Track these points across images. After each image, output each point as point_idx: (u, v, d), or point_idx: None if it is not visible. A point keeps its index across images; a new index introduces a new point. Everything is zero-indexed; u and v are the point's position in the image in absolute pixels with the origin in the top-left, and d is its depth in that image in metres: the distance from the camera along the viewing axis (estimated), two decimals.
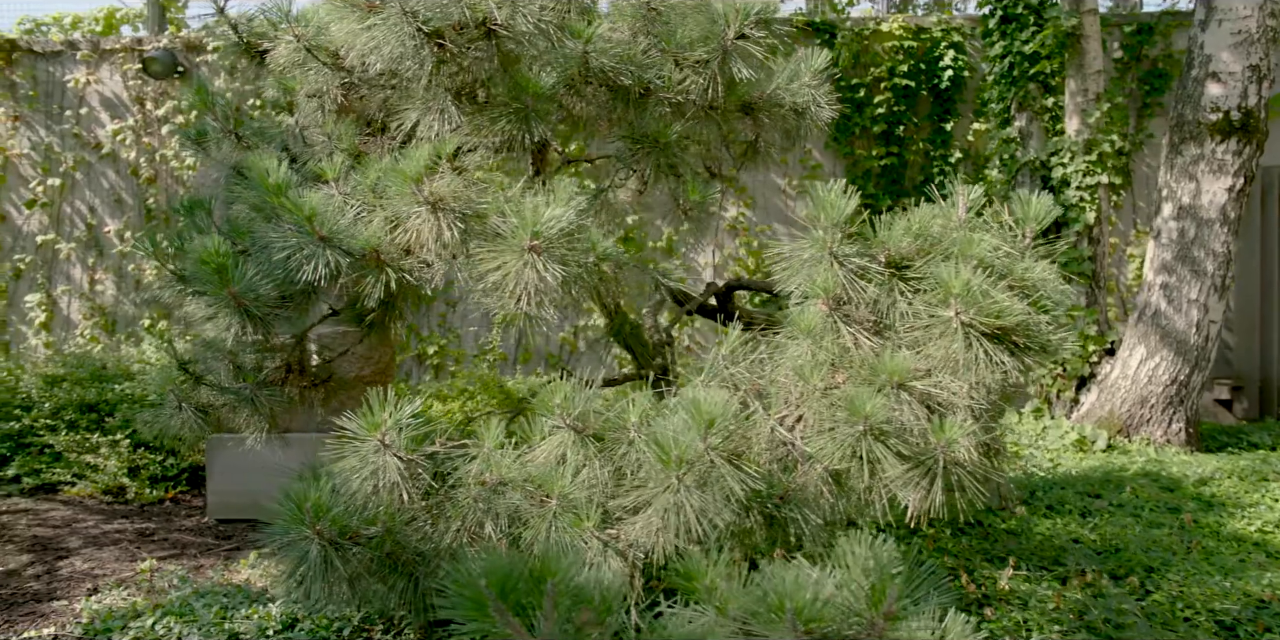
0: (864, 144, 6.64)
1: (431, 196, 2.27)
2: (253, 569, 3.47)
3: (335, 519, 2.12)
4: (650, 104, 2.49)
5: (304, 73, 2.76)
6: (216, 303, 2.47)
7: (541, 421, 2.38)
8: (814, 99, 2.97)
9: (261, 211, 2.83)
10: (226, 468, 4.25)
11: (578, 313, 6.17)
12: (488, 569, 1.50)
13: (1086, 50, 5.00)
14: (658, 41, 2.55)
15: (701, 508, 1.88)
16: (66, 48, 6.89)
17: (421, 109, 2.50)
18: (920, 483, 1.99)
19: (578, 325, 6.68)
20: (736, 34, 2.58)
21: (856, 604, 1.58)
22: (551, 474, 2.16)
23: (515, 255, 2.17)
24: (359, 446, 2.22)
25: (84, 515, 4.36)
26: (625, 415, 2.19)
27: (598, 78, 2.44)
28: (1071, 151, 5.05)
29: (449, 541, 2.23)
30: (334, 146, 2.74)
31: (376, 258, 2.43)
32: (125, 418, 4.91)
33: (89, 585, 3.32)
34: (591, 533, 2.11)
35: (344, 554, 2.14)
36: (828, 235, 2.22)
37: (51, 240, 6.90)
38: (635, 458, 2.20)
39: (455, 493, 2.28)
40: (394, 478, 2.14)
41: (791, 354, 2.23)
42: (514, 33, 2.31)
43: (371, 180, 2.47)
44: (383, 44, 2.30)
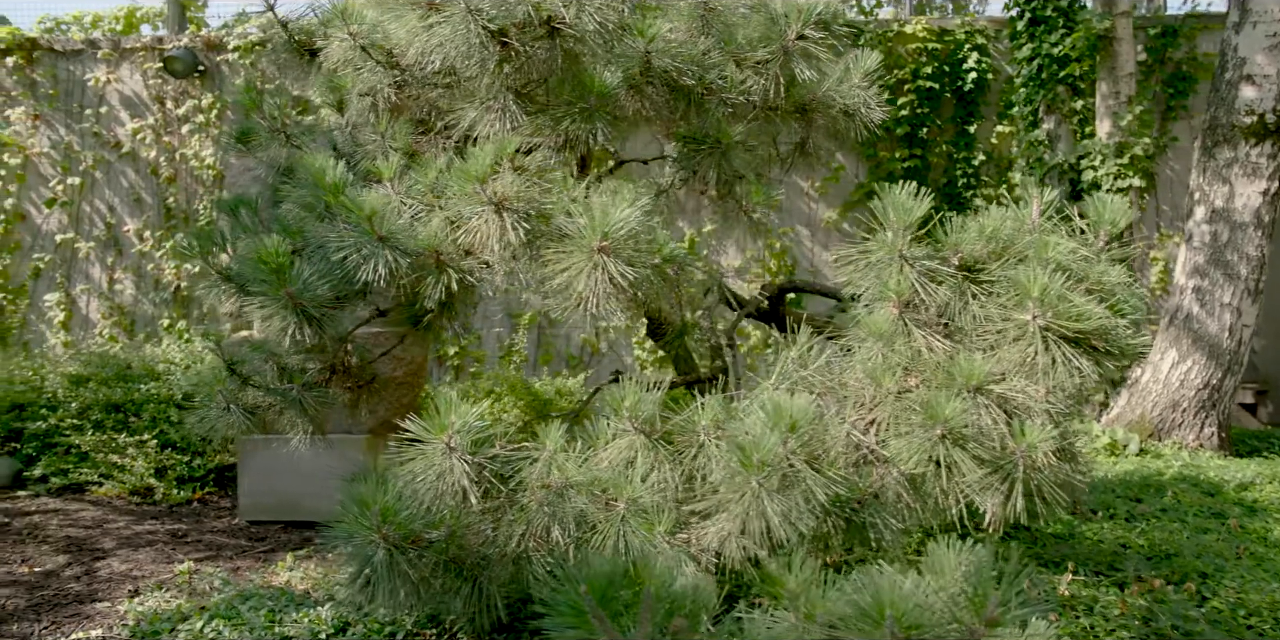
0: (887, 146, 6.62)
1: (495, 196, 2.25)
2: (291, 571, 3.45)
3: (400, 523, 2.10)
4: (712, 105, 2.46)
5: (356, 72, 2.74)
6: (272, 303, 2.45)
7: (603, 424, 2.36)
8: (864, 100, 2.95)
9: (312, 210, 2.81)
10: (258, 469, 4.23)
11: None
12: (589, 575, 1.48)
13: (1119, 52, 4.98)
14: (718, 42, 2.53)
15: (784, 512, 1.86)
16: (87, 46, 6.87)
17: (481, 108, 2.48)
18: (999, 488, 1.97)
19: (599, 326, 6.66)
20: (797, 34, 2.56)
21: (956, 610, 1.57)
22: (620, 477, 2.14)
23: (584, 256, 2.15)
24: (424, 449, 2.20)
25: (114, 516, 4.33)
26: (696, 418, 2.17)
27: (660, 78, 2.42)
28: (1103, 154, 5.04)
29: (515, 545, 2.20)
30: (387, 146, 2.72)
31: (436, 258, 2.40)
32: (152, 418, 4.89)
33: (129, 587, 3.29)
34: (663, 538, 2.09)
35: (410, 558, 2.11)
36: (898, 237, 2.20)
37: (71, 239, 6.87)
38: (704, 462, 2.18)
39: (519, 496, 2.26)
40: (462, 481, 2.12)
41: (860, 357, 2.21)
42: (578, 31, 2.29)
43: (430, 179, 2.45)
44: (446, 42, 2.28)
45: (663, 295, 2.24)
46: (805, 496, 1.87)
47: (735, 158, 2.49)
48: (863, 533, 1.97)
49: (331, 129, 2.98)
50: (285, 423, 2.97)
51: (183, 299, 6.86)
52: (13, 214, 6.84)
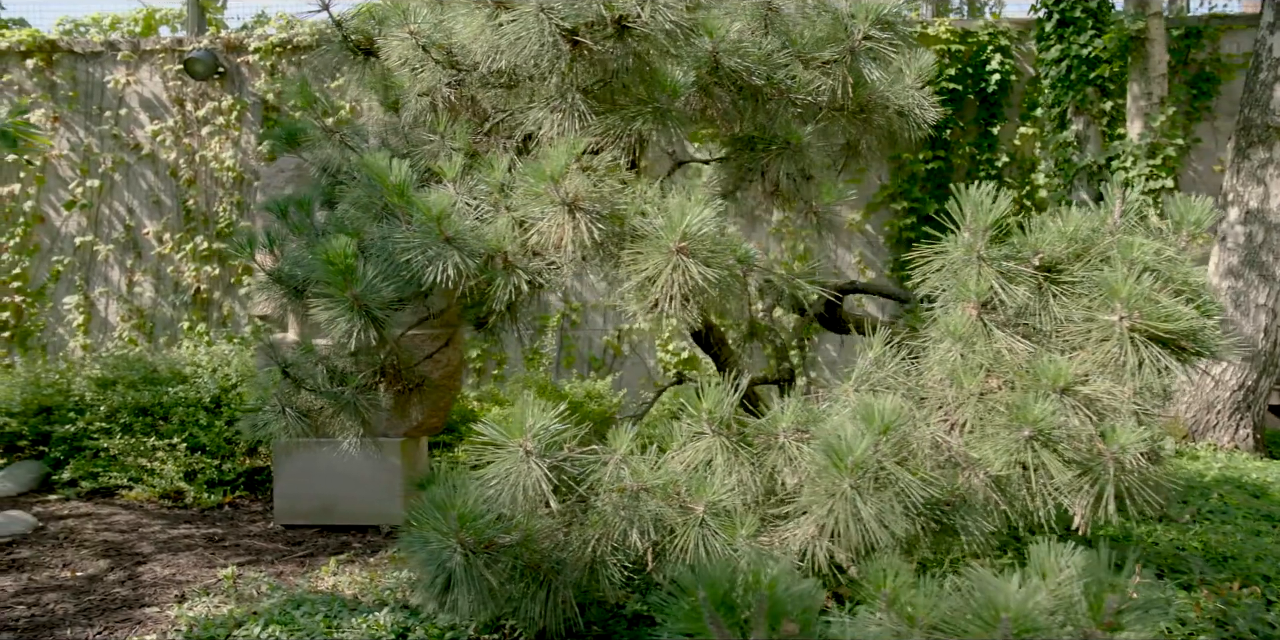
0: (910, 148, 6.61)
1: (568, 196, 2.23)
2: (335, 576, 3.42)
3: (478, 528, 2.07)
4: (782, 105, 2.45)
5: (413, 71, 2.72)
6: (336, 305, 2.42)
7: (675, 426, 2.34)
8: (917, 101, 2.93)
9: (368, 210, 2.79)
10: (293, 473, 4.20)
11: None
12: (708, 580, 1.46)
13: (1151, 53, 4.98)
14: (784, 42, 2.51)
15: (878, 514, 1.84)
16: (106, 48, 6.84)
17: (548, 107, 2.46)
18: (1088, 490, 1.95)
19: (622, 329, 6.64)
20: (864, 34, 2.55)
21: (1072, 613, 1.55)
22: (700, 480, 2.12)
23: (663, 257, 2.13)
24: (499, 453, 2.18)
25: (148, 520, 4.30)
26: (776, 420, 2.15)
27: (729, 78, 2.40)
28: (1134, 155, 5.03)
29: (590, 550, 2.18)
30: (447, 145, 2.70)
31: (504, 259, 2.38)
32: (181, 421, 4.85)
33: (175, 591, 3.26)
34: (745, 541, 2.07)
35: (486, 562, 2.08)
36: (976, 238, 2.18)
37: (90, 242, 6.83)
38: (782, 464, 2.16)
39: (593, 500, 2.24)
40: (541, 485, 2.09)
41: (938, 358, 2.19)
42: (652, 30, 2.27)
43: (498, 179, 2.43)
44: (517, 41, 2.26)
45: (737, 296, 2.22)
46: (900, 499, 1.85)
47: (804, 158, 2.47)
48: (954, 535, 1.94)
49: (385, 129, 2.95)
50: (335, 426, 2.95)
51: (202, 302, 6.82)
52: (32, 216, 6.80)
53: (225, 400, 5.01)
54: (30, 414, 5.05)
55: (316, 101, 2.90)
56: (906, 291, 2.72)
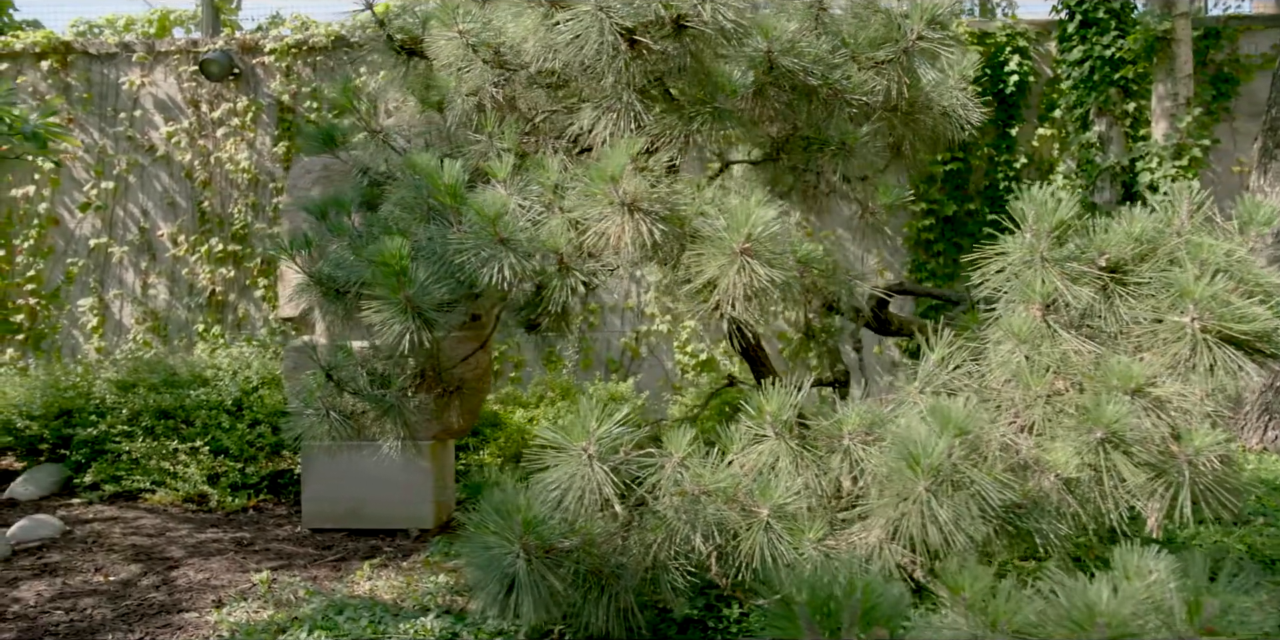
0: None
1: (627, 196, 2.21)
2: (370, 581, 3.39)
3: (542, 533, 2.05)
4: (838, 105, 2.43)
5: (460, 71, 2.70)
6: (389, 307, 2.40)
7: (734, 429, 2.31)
8: (961, 101, 2.92)
9: (413, 211, 2.77)
10: (321, 476, 4.17)
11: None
12: (808, 586, 1.44)
13: (1177, 54, 4.97)
14: (838, 42, 2.49)
15: (955, 517, 1.82)
16: (121, 50, 6.80)
17: (601, 107, 2.44)
18: (1162, 493, 1.93)
19: (639, 330, 6.61)
20: (918, 35, 2.53)
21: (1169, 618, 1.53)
22: (765, 483, 2.10)
23: (726, 258, 2.11)
24: (559, 457, 2.15)
25: (174, 524, 4.27)
26: (841, 423, 2.13)
27: (785, 78, 2.38)
28: (1160, 156, 5.02)
29: (653, 554, 2.16)
30: (494, 146, 2.67)
31: (561, 261, 2.36)
32: (204, 424, 4.82)
33: (211, 597, 3.23)
34: (812, 544, 2.04)
35: (550, 567, 2.06)
36: (1039, 239, 2.16)
37: (104, 244, 6.80)
38: (846, 466, 2.14)
39: (652, 504, 2.22)
40: (605, 489, 2.07)
41: (1000, 359, 2.17)
42: (710, 29, 2.25)
43: (551, 180, 2.40)
44: (576, 40, 2.24)
45: (797, 298, 2.20)
46: (975, 501, 1.83)
47: (859, 158, 2.45)
48: (1027, 539, 1.92)
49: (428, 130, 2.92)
50: (375, 429, 2.93)
51: (217, 304, 6.79)
52: (46, 218, 6.77)
53: (247, 403, 4.98)
54: (51, 417, 5.01)
55: (358, 102, 2.87)
56: (958, 293, 2.71)
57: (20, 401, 5.03)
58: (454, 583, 3.31)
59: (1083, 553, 2.56)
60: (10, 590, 3.25)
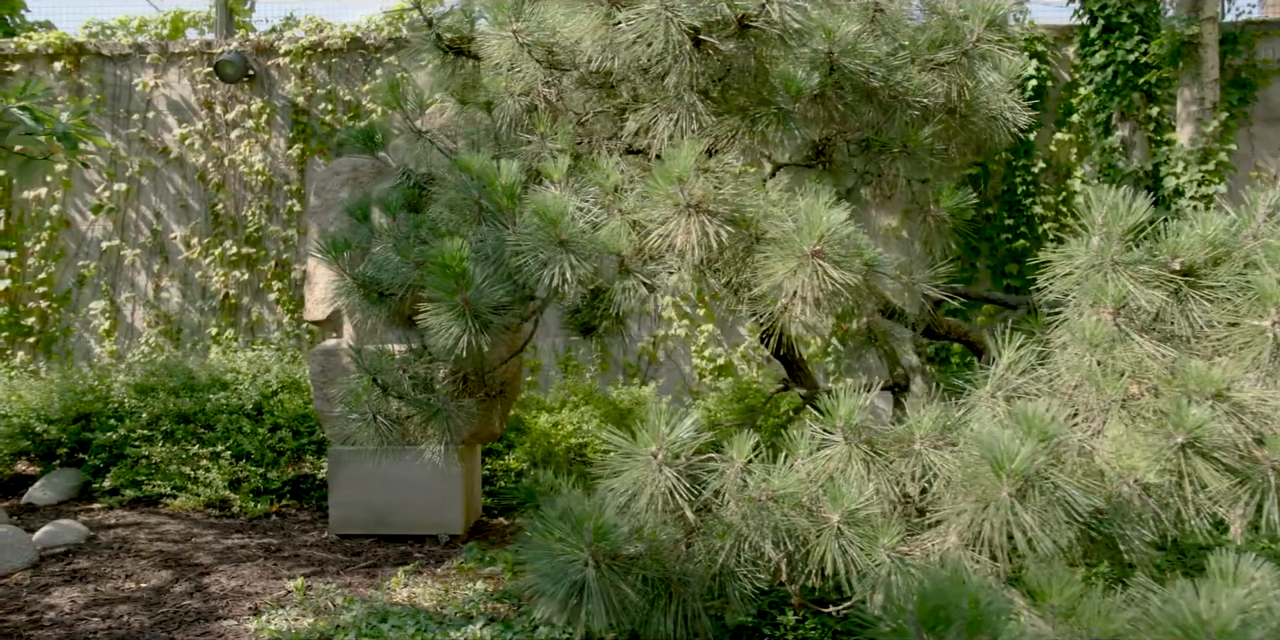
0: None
1: (693, 198, 2.18)
2: (406, 588, 3.35)
3: (612, 540, 2.01)
4: (900, 107, 2.41)
5: (511, 72, 2.67)
6: (446, 310, 2.36)
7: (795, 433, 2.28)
8: (1009, 105, 2.90)
9: (461, 212, 2.74)
10: (348, 482, 4.12)
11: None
12: (920, 596, 1.41)
13: (1204, 59, 4.97)
14: (898, 44, 2.47)
15: (1039, 523, 1.79)
16: (134, 51, 6.75)
17: (660, 108, 2.41)
18: (1247, 500, 1.91)
19: (656, 335, 6.58)
20: (978, 37, 2.52)
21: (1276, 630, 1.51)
22: (836, 489, 2.06)
23: (796, 260, 2.08)
24: (628, 461, 2.12)
25: (199, 530, 4.21)
26: (914, 427, 2.10)
27: (846, 79, 2.36)
28: (1185, 161, 5.02)
29: (722, 561, 2.12)
30: (546, 146, 2.64)
31: (621, 263, 2.33)
32: (225, 428, 4.76)
33: (247, 604, 3.18)
34: (885, 551, 2.01)
35: (621, 574, 2.02)
36: (1109, 242, 2.14)
37: (116, 246, 6.74)
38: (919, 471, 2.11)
39: (716, 510, 2.18)
40: (677, 496, 2.04)
41: (1069, 364, 2.15)
42: (777, 29, 2.22)
43: (611, 181, 2.37)
44: (640, 39, 2.21)
45: (865, 301, 2.18)
46: (1061, 507, 1.80)
47: (921, 160, 2.43)
48: (1111, 546, 1.90)
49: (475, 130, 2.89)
50: (420, 434, 2.89)
51: (230, 307, 6.73)
52: (58, 221, 6.71)
53: (267, 407, 4.93)
54: (68, 421, 4.95)
55: (404, 102, 2.83)
56: (1014, 297, 2.69)
57: (38, 405, 4.97)
58: (493, 590, 3.27)
59: (1160, 560, 2.53)
60: (43, 596, 3.20)
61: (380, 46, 6.71)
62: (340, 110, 6.73)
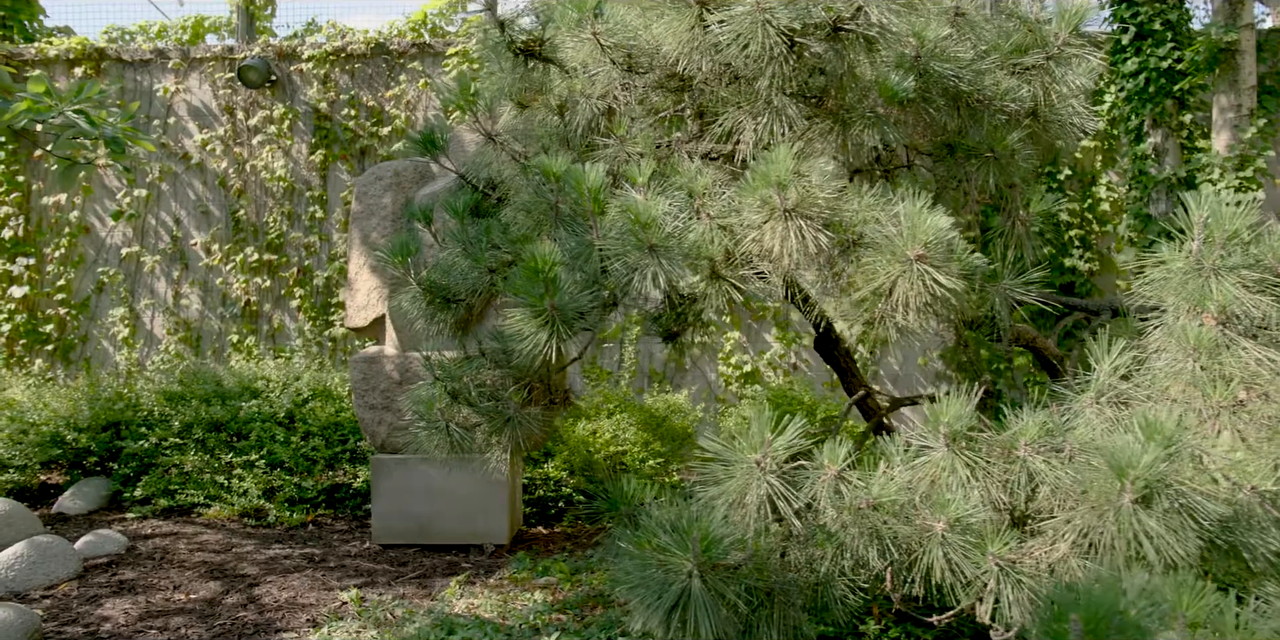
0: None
1: (789, 202, 2.15)
2: (461, 599, 3.29)
3: (719, 549, 1.98)
4: (988, 111, 2.39)
5: (589, 75, 2.64)
6: (533, 317, 2.32)
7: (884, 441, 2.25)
8: (1076, 109, 2.89)
9: (533, 215, 2.70)
10: (391, 491, 4.06)
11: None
12: (1083, 603, 1.38)
13: (1241, 65, 4.99)
14: (985, 48, 2.46)
15: (1165, 530, 1.76)
16: (155, 56, 6.71)
17: (747, 111, 2.38)
18: None
19: (683, 342, 6.54)
20: (1063, 41, 2.50)
21: None
22: (942, 496, 2.03)
23: (900, 265, 2.06)
24: (728, 469, 2.08)
25: (237, 540, 4.15)
26: (1019, 434, 2.07)
27: (936, 84, 2.34)
28: (1222, 168, 5.03)
29: (825, 569, 2.09)
30: (624, 150, 2.61)
31: (712, 268, 2.30)
32: (258, 437, 4.70)
33: (304, 616, 3.12)
34: (993, 559, 1.98)
35: (726, 584, 1.99)
36: (1211, 247, 2.13)
37: (136, 253, 6.67)
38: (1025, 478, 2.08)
39: (813, 517, 2.15)
40: (782, 504, 2.00)
41: (1172, 370, 2.13)
42: (876, 32, 2.21)
43: (702, 185, 2.35)
44: (736, 40, 2.19)
45: (966, 306, 2.15)
46: (1184, 514, 1.78)
47: (1010, 165, 2.41)
48: (1234, 554, 1.87)
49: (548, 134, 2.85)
50: (494, 442, 2.84)
51: (251, 314, 6.67)
52: (77, 227, 6.64)
53: (299, 415, 4.87)
54: (98, 429, 4.88)
55: (475, 105, 2.80)
56: (1096, 302, 2.67)
57: (66, 413, 4.89)
58: (552, 600, 3.22)
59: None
60: (95, 608, 3.13)
61: (403, 52, 6.68)
62: (363, 116, 6.70)
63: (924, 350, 6.50)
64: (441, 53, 6.64)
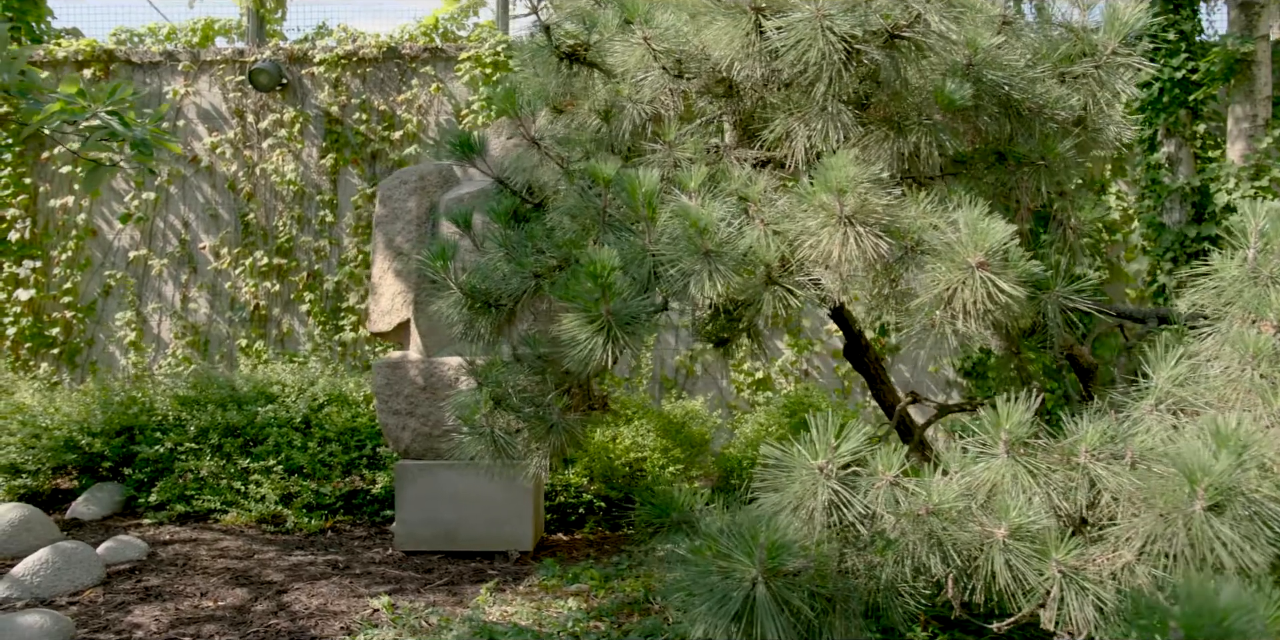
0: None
1: (848, 209, 2.15)
2: (494, 606, 3.27)
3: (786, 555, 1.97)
4: (1040, 120, 2.40)
5: (635, 80, 2.64)
6: (587, 323, 2.31)
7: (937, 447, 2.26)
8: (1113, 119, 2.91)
9: (579, 220, 2.70)
10: (415, 497, 4.04)
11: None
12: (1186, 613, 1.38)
13: (1257, 76, 5.04)
14: (1035, 56, 2.47)
15: (1239, 537, 1.77)
16: (165, 58, 6.67)
17: (798, 118, 2.39)
18: None
19: (694, 348, 6.55)
20: (1111, 49, 2.52)
21: None
22: (1004, 502, 2.03)
23: (961, 272, 2.06)
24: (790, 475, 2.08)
25: (257, 546, 4.11)
26: (1079, 441, 2.07)
27: (989, 92, 2.35)
28: (1237, 177, 5.08)
29: (885, 575, 2.08)
30: (672, 155, 2.61)
31: (768, 274, 2.30)
32: (276, 443, 4.66)
33: (337, 623, 3.09)
34: (1058, 565, 1.98)
35: (791, 591, 1.98)
36: (1269, 256, 2.14)
37: (143, 256, 6.62)
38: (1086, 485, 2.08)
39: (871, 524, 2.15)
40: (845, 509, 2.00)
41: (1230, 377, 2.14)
42: (930, 41, 2.21)
43: (757, 190, 2.35)
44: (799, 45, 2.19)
45: (1026, 313, 2.16)
46: (1258, 522, 1.78)
47: (1060, 173, 2.43)
48: None
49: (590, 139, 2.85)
50: (537, 448, 2.83)
51: (260, 319, 6.63)
52: (84, 229, 6.58)
53: (315, 421, 4.83)
54: (112, 434, 4.83)
55: (520, 109, 2.79)
56: (1142, 310, 2.68)
57: (79, 418, 4.84)
58: (587, 607, 3.20)
59: None
60: (124, 615, 3.10)
61: (415, 56, 6.67)
62: (374, 120, 6.68)
63: (934, 358, 6.52)
64: (454, 57, 6.63)
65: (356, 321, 6.48)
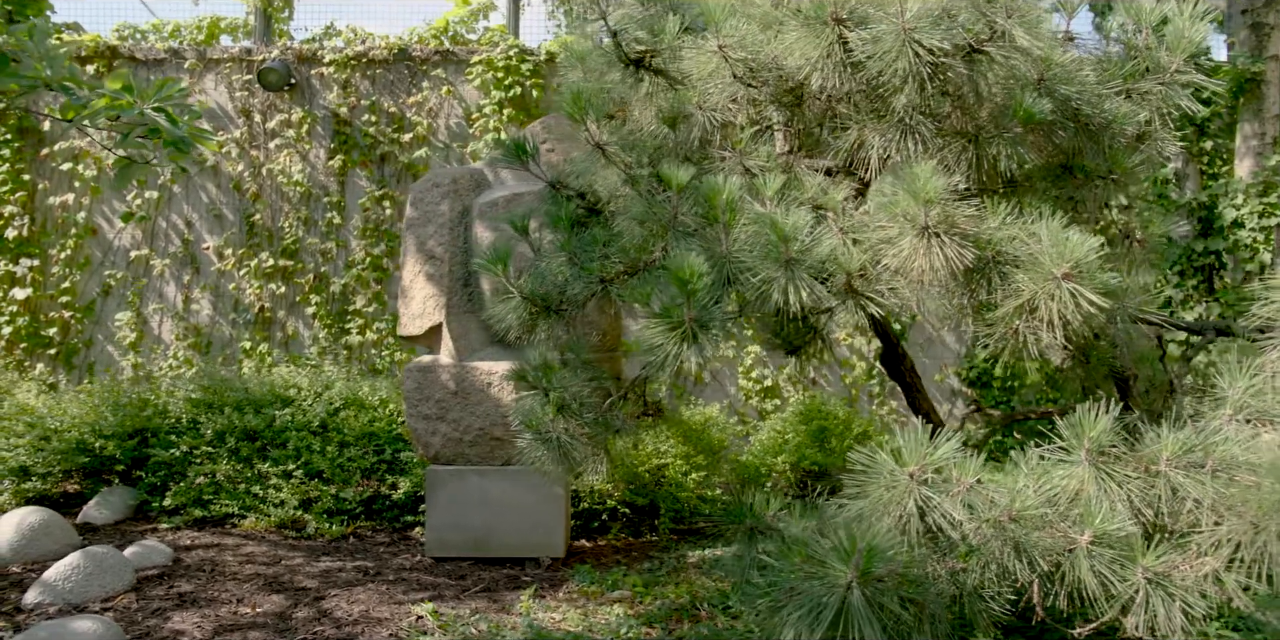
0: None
1: (932, 219, 2.19)
2: (541, 612, 3.25)
3: (882, 560, 1.99)
4: (1106, 135, 2.45)
5: (705, 87, 2.65)
6: (667, 327, 2.32)
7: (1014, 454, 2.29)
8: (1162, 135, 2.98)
9: (647, 226, 2.71)
10: (446, 502, 4.00)
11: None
12: None
13: (1266, 95, 5.19)
14: (1103, 73, 2.53)
15: None
16: (170, 56, 6.58)
17: (874, 128, 2.42)
18: None
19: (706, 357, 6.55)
20: (1176, 67, 2.58)
21: None
22: (1088, 509, 2.07)
23: (1047, 283, 2.10)
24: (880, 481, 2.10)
25: (282, 552, 4.05)
26: (1160, 449, 2.12)
27: (1062, 106, 2.40)
28: (1245, 194, 5.21)
29: (970, 581, 2.11)
30: (742, 162, 2.63)
31: (848, 284, 2.32)
32: (295, 447, 4.60)
33: (384, 631, 3.05)
34: (1144, 571, 2.02)
35: (886, 596, 2.00)
36: None
37: (145, 256, 6.50)
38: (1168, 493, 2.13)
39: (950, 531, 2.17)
40: (934, 516, 2.02)
41: None
42: (1009, 55, 2.26)
43: (837, 198, 2.37)
44: (885, 56, 2.22)
45: (1103, 323, 2.20)
46: None
47: (1126, 189, 2.48)
48: None
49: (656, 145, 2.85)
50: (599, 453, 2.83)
51: (265, 321, 6.54)
52: (84, 228, 6.45)
53: (333, 425, 4.78)
54: (124, 436, 4.73)
55: (588, 112, 2.79)
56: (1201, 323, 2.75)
57: (90, 419, 4.74)
58: (634, 613, 3.19)
59: None
60: (164, 622, 3.03)
61: (426, 59, 6.64)
62: (384, 122, 6.63)
63: (940, 366, 6.60)
64: (465, 61, 6.61)
65: (363, 325, 6.42)
